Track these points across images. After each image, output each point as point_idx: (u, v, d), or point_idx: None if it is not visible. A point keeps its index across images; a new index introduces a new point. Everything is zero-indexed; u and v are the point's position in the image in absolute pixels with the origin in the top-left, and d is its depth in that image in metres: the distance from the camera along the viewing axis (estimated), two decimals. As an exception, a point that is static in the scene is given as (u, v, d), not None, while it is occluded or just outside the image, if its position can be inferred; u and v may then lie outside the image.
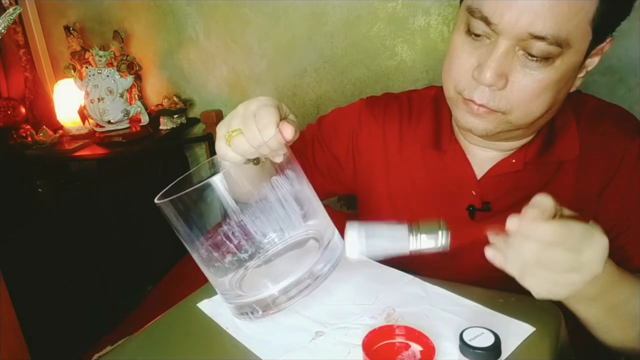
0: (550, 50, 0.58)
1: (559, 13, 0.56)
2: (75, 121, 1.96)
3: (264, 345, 0.55)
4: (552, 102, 0.63)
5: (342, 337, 0.55)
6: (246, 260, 0.59)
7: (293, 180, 0.59)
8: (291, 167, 0.60)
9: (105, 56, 1.84)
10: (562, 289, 0.50)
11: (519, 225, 0.50)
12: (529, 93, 0.61)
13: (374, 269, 0.68)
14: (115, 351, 0.63)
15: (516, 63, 0.60)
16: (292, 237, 0.61)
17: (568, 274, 0.49)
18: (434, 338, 0.49)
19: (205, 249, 0.58)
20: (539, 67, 0.59)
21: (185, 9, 1.89)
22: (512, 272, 0.51)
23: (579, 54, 0.61)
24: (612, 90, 1.46)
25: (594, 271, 0.49)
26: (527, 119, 0.64)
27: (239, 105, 0.62)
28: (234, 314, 0.60)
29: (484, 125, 0.65)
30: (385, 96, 0.87)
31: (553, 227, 0.48)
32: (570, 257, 0.48)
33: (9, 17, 1.15)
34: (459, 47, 0.65)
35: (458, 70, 0.65)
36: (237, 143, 0.58)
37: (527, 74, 0.60)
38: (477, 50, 0.62)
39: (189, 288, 0.69)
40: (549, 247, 0.48)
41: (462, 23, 0.64)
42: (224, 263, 0.58)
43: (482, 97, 0.62)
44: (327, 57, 1.77)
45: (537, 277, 0.50)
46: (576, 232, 0.48)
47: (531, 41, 0.58)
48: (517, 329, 0.54)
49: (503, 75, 0.60)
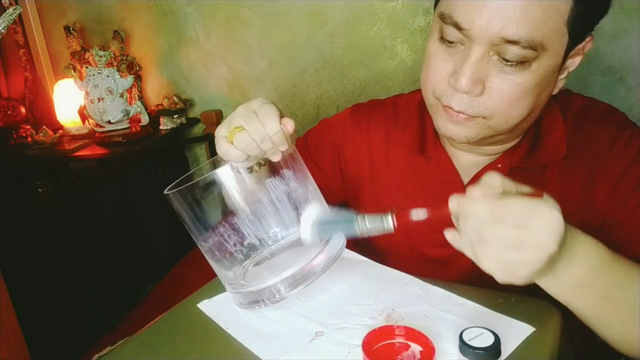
0: (525, 54, 0.57)
1: (532, 16, 0.55)
2: (75, 121, 1.96)
3: (263, 346, 0.55)
4: (532, 105, 0.62)
5: (342, 337, 0.55)
6: (249, 254, 0.61)
7: (292, 179, 0.59)
8: (297, 165, 0.61)
9: (105, 56, 1.84)
10: (519, 270, 0.48)
11: (458, 205, 0.50)
12: (508, 98, 0.60)
13: (374, 269, 0.68)
14: (115, 351, 0.63)
15: (492, 68, 0.59)
16: (294, 233, 0.62)
17: (517, 251, 0.47)
18: (434, 338, 0.49)
19: (211, 241, 0.59)
20: (515, 71, 0.58)
21: (185, 9, 1.89)
22: (467, 253, 0.50)
23: (557, 56, 0.60)
24: (612, 90, 1.46)
25: (547, 248, 0.47)
26: (508, 124, 0.63)
27: (237, 107, 0.63)
28: (239, 304, 0.61)
29: (465, 132, 0.64)
30: (370, 103, 0.87)
31: (489, 204, 0.47)
32: (512, 233, 0.46)
33: (9, 17, 1.15)
34: (434, 54, 0.64)
35: (434, 77, 0.64)
36: (240, 138, 0.58)
37: (504, 79, 0.59)
38: (452, 57, 0.62)
39: (189, 288, 0.69)
40: (488, 224, 0.47)
41: (436, 30, 0.63)
42: (227, 255, 0.60)
43: (460, 104, 0.62)
44: (327, 57, 1.77)
45: (487, 256, 0.48)
46: (517, 207, 0.47)
47: (505, 46, 0.57)
48: (517, 329, 0.54)
49: (479, 81, 0.59)
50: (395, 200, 0.79)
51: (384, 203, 0.80)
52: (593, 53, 1.45)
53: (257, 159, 0.63)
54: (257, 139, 0.58)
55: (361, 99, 1.76)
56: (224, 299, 0.64)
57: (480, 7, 0.56)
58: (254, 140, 0.58)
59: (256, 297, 0.59)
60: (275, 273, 0.59)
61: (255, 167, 0.65)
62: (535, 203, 0.47)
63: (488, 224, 0.47)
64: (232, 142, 0.59)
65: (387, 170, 0.80)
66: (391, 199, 0.80)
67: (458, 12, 0.59)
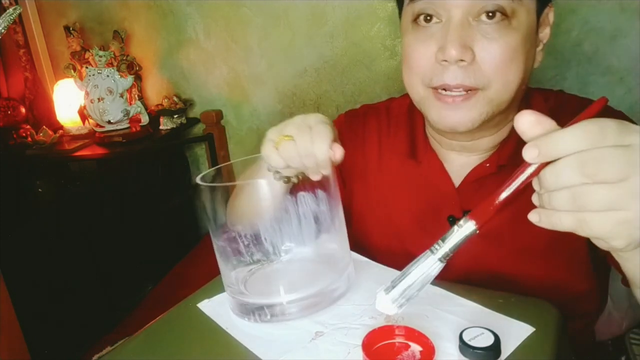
0: (502, 2, 0.58)
1: None
2: (75, 121, 1.96)
3: (263, 346, 0.55)
4: (524, 68, 0.62)
5: (342, 337, 0.55)
6: (258, 259, 0.61)
7: (324, 202, 0.59)
8: (332, 192, 0.60)
9: (105, 56, 1.84)
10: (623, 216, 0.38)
11: (539, 151, 0.40)
12: (500, 59, 0.60)
13: (373, 269, 0.68)
14: (115, 351, 0.63)
15: (476, 34, 0.59)
16: (303, 252, 0.63)
17: (631, 179, 0.37)
18: (434, 338, 0.49)
19: (227, 236, 0.60)
20: (498, 30, 0.59)
21: (185, 9, 1.89)
22: (566, 224, 0.40)
23: (530, 15, 0.61)
24: (612, 90, 1.46)
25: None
26: (508, 91, 0.62)
27: (295, 116, 0.62)
28: (234, 310, 0.61)
29: (467, 115, 0.63)
30: (363, 109, 0.87)
31: (580, 128, 0.38)
32: (620, 152, 0.37)
33: (9, 17, 1.15)
34: (413, 42, 0.64)
35: (419, 63, 0.64)
36: (286, 147, 0.58)
37: (490, 41, 0.59)
38: (432, 37, 0.62)
39: (189, 288, 0.69)
40: (589, 152, 0.38)
41: (409, 22, 0.64)
42: (237, 254, 0.60)
43: (455, 77, 0.60)
44: (327, 57, 1.77)
45: (596, 203, 0.38)
46: (609, 123, 0.38)
47: (478, 1, 0.57)
48: (517, 329, 0.54)
49: (467, 47, 0.59)
50: (389, 206, 0.79)
51: (378, 209, 0.79)
52: (593, 53, 1.45)
53: (296, 171, 0.63)
54: (302, 153, 0.57)
55: (361, 99, 1.77)
56: (224, 299, 0.64)
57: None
58: (298, 154, 0.58)
59: (248, 310, 0.59)
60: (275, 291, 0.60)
61: (293, 178, 0.64)
62: (619, 121, 0.39)
63: (589, 150, 0.38)
64: (277, 148, 0.59)
65: (380, 175, 0.80)
66: (385, 205, 0.79)
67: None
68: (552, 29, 0.67)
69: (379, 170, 0.80)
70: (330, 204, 0.59)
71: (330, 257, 0.64)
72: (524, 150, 0.41)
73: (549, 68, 1.49)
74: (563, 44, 1.47)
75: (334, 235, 0.62)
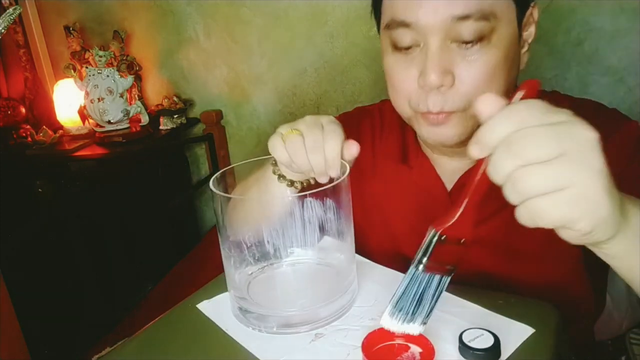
0: (481, 27, 0.56)
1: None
2: (75, 121, 1.96)
3: (263, 347, 0.55)
4: (507, 82, 0.61)
5: (341, 338, 0.55)
6: (260, 260, 0.61)
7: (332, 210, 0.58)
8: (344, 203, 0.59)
9: (105, 56, 1.84)
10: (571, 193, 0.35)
11: (479, 145, 0.39)
12: (480, 80, 0.59)
13: (375, 271, 0.68)
14: (114, 352, 0.63)
15: (455, 56, 0.58)
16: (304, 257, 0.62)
17: (567, 154, 0.35)
18: (434, 339, 0.49)
19: (233, 238, 0.59)
20: (478, 50, 0.57)
21: (185, 9, 1.89)
22: (522, 218, 0.38)
23: (511, 24, 0.59)
24: (612, 90, 1.46)
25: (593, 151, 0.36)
26: None
27: (307, 116, 0.62)
28: (235, 313, 0.61)
29: (452, 131, 0.62)
30: (357, 112, 0.86)
31: (504, 112, 0.38)
32: (548, 129, 0.36)
33: (9, 17, 1.15)
34: (394, 66, 0.64)
35: (403, 87, 0.63)
36: (293, 140, 0.58)
37: (470, 62, 0.58)
38: (412, 62, 0.61)
39: (189, 288, 0.69)
40: (516, 133, 0.37)
41: (388, 45, 0.63)
42: (239, 253, 0.60)
43: (436, 104, 0.60)
44: (327, 57, 1.77)
45: (536, 186, 0.36)
46: (534, 103, 0.38)
47: (458, 25, 0.56)
48: (517, 330, 0.54)
49: (447, 72, 0.58)
50: (384, 211, 0.78)
51: (372, 214, 0.79)
52: (593, 53, 1.45)
53: (302, 176, 0.63)
54: (310, 149, 0.57)
55: (361, 99, 1.77)
56: (223, 300, 0.64)
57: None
58: (305, 149, 0.57)
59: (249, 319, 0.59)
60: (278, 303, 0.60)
61: (297, 184, 0.64)
62: (557, 127, 0.37)
63: (518, 171, 0.36)
64: (284, 141, 0.59)
65: (373, 181, 0.79)
66: (380, 210, 0.78)
67: (401, 11, 0.59)
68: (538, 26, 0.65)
69: (373, 175, 0.79)
70: (339, 213, 0.58)
71: (336, 269, 0.64)
72: (469, 149, 0.40)
73: (549, 68, 1.49)
74: (563, 44, 1.47)
75: (341, 244, 0.61)
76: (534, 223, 0.38)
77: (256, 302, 0.59)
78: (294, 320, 0.57)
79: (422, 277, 0.46)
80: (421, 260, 0.45)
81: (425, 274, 0.45)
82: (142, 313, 1.54)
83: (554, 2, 1.42)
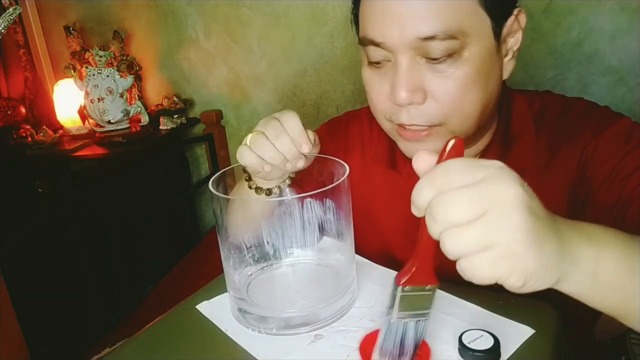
0: (449, 45, 0.55)
1: (439, 7, 0.54)
2: (75, 121, 1.96)
3: (262, 348, 0.55)
4: (484, 95, 0.60)
5: (341, 339, 0.55)
6: (259, 261, 0.61)
7: (331, 211, 0.58)
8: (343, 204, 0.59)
9: (105, 56, 1.84)
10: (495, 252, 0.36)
11: (415, 207, 0.40)
12: (453, 95, 0.58)
13: (374, 271, 0.68)
14: (114, 353, 0.63)
15: (425, 72, 0.58)
16: (304, 258, 0.63)
17: (489, 213, 0.35)
18: (433, 340, 0.49)
19: (229, 244, 0.60)
20: (449, 66, 0.57)
21: (185, 9, 1.89)
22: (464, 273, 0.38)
23: (486, 39, 0.58)
24: (612, 90, 1.46)
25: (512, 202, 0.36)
26: (468, 122, 0.61)
27: None
28: (234, 314, 0.61)
29: (431, 147, 0.61)
30: (346, 116, 0.85)
31: (425, 178, 0.39)
32: (467, 190, 0.36)
33: (9, 17, 1.15)
34: (369, 80, 0.64)
35: (378, 100, 0.63)
36: (257, 139, 0.59)
37: (441, 78, 0.57)
38: (385, 76, 0.61)
39: (189, 288, 0.69)
40: (436, 199, 0.37)
41: (364, 58, 0.63)
42: (238, 253, 0.60)
43: (409, 118, 0.60)
44: (327, 57, 1.77)
45: (465, 246, 0.37)
46: (453, 164, 0.39)
47: (425, 45, 0.55)
48: (517, 331, 0.54)
49: (417, 89, 0.58)
50: (374, 217, 0.78)
51: (363, 219, 0.77)
52: (593, 53, 1.45)
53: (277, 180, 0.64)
54: (274, 138, 0.58)
55: (361, 99, 1.76)
56: (223, 301, 0.64)
57: (387, 17, 0.56)
58: (270, 141, 0.58)
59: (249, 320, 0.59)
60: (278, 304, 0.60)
61: (275, 189, 0.65)
62: (477, 187, 0.37)
63: (446, 233, 0.37)
64: (249, 146, 0.60)
65: (363, 185, 0.78)
66: (369, 215, 0.78)
67: (371, 31, 0.59)
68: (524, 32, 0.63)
69: (363, 181, 0.78)
70: (338, 214, 0.58)
71: (336, 270, 0.64)
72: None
73: (549, 68, 1.49)
74: (563, 44, 1.46)
75: (341, 245, 0.61)
76: (472, 279, 0.38)
77: (256, 303, 0.59)
78: (293, 321, 0.57)
79: (398, 325, 0.46)
80: (390, 312, 0.45)
81: (400, 322, 0.46)
82: (142, 313, 1.54)
83: (553, 2, 1.42)
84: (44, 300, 1.51)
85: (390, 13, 0.56)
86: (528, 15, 0.63)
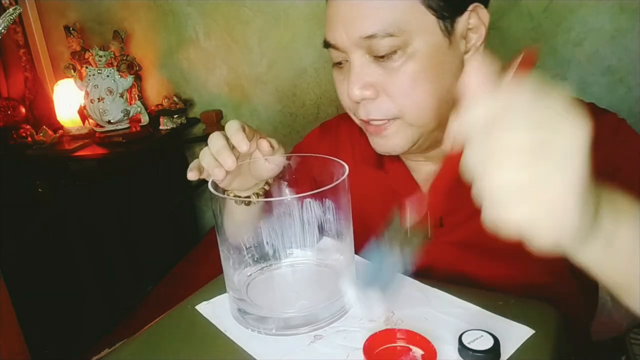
0: (391, 42, 0.58)
1: (377, 7, 0.58)
2: (75, 121, 1.96)
3: (262, 348, 0.55)
4: (437, 89, 0.61)
5: (341, 340, 0.55)
6: (258, 261, 0.62)
7: (331, 211, 0.58)
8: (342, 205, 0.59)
9: (105, 56, 1.84)
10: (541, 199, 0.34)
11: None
12: (404, 90, 0.61)
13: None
14: (113, 353, 0.63)
15: (374, 69, 0.61)
16: (303, 259, 0.63)
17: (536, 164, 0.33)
18: (433, 341, 0.49)
19: (228, 244, 0.60)
20: (395, 62, 0.60)
21: (185, 9, 1.89)
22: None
23: (432, 35, 0.59)
24: (612, 90, 1.46)
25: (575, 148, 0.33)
26: (424, 115, 0.63)
27: None
28: (233, 314, 0.61)
29: (393, 141, 0.65)
30: (338, 119, 0.87)
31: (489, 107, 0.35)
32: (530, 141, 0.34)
33: (9, 17, 1.15)
34: (335, 80, 0.69)
35: (343, 99, 0.68)
36: (202, 152, 0.61)
37: (391, 73, 0.61)
38: (345, 75, 0.65)
39: (189, 288, 0.69)
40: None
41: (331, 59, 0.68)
42: (237, 254, 0.61)
43: (366, 113, 0.64)
44: (327, 57, 1.75)
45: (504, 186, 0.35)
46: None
47: (369, 43, 0.59)
48: (517, 331, 0.54)
49: (368, 85, 0.62)
50: (364, 217, 0.77)
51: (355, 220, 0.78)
52: (593, 53, 1.45)
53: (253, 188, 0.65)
54: (214, 140, 0.60)
55: (361, 99, 1.77)
56: (222, 301, 0.64)
57: (335, 20, 0.62)
58: (212, 145, 0.60)
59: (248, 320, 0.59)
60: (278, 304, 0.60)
61: (252, 197, 0.67)
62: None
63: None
64: (201, 161, 0.62)
65: (354, 185, 0.79)
66: (360, 215, 0.78)
67: (327, 33, 0.64)
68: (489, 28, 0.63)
69: (354, 182, 0.79)
70: (338, 214, 0.58)
71: (336, 270, 0.64)
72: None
73: (549, 68, 1.49)
74: (563, 44, 1.46)
75: (340, 245, 0.61)
76: (499, 223, 0.37)
77: (255, 304, 0.59)
78: (293, 321, 0.57)
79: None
80: None
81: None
82: (142, 313, 1.54)
83: (553, 2, 1.42)
84: (44, 300, 1.51)
85: (338, 15, 0.61)
86: (528, 15, 0.63)
